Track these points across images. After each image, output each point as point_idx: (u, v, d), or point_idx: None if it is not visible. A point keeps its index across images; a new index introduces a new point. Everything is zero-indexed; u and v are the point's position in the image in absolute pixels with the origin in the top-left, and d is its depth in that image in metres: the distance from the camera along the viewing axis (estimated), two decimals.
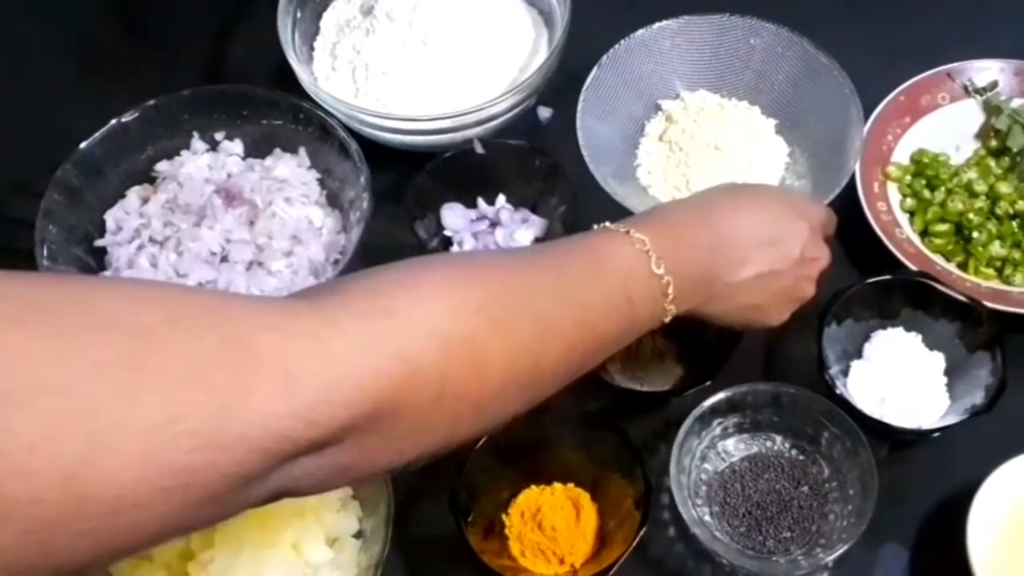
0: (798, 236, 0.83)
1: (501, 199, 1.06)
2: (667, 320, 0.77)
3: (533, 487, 0.91)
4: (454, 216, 1.06)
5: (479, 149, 1.04)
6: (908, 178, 1.06)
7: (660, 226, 0.77)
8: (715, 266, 0.79)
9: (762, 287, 0.82)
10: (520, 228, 1.04)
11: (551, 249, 0.75)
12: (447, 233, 1.05)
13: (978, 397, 0.91)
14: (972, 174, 1.06)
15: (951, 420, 0.92)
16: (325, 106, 1.05)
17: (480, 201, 1.06)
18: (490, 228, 1.05)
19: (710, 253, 0.79)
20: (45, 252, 0.98)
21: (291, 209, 1.03)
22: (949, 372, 0.95)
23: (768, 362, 0.99)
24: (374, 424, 0.58)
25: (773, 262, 0.82)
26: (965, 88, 1.10)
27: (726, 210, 0.81)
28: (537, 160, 1.04)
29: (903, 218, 1.04)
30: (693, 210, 0.81)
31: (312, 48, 1.14)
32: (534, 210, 1.06)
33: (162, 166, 1.07)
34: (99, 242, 1.03)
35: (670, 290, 0.75)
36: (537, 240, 1.04)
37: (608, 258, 0.74)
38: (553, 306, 0.69)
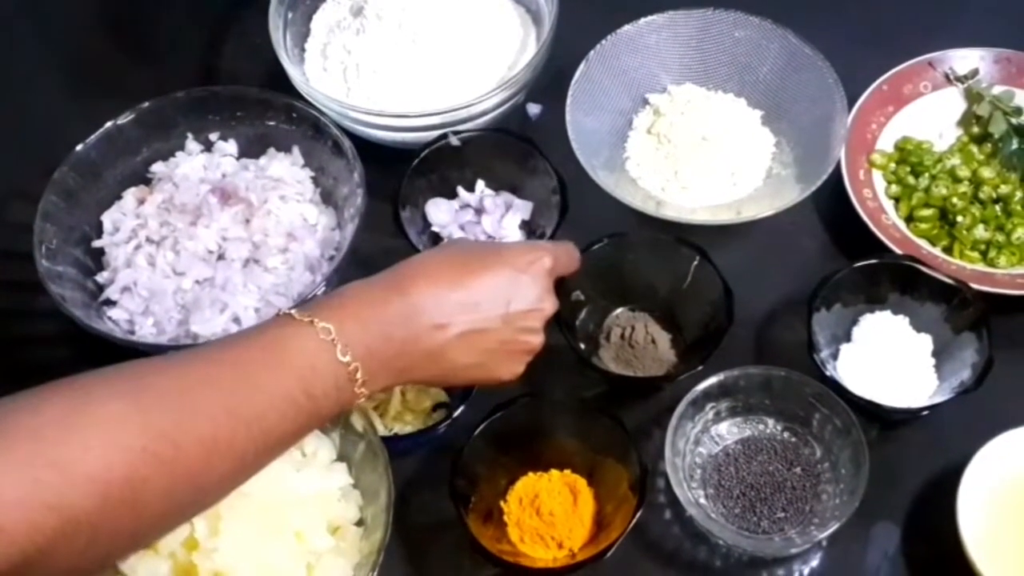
0: (502, 292, 0.82)
1: (480, 184, 1.08)
2: (361, 402, 0.76)
3: (531, 474, 0.92)
4: (439, 211, 1.07)
5: (454, 142, 1.05)
6: (893, 165, 1.08)
7: (347, 309, 0.76)
8: (410, 336, 0.78)
9: (470, 347, 0.81)
10: (507, 215, 1.05)
11: (227, 353, 0.72)
12: (435, 229, 1.06)
13: (965, 376, 0.93)
14: (955, 160, 1.08)
15: (939, 399, 0.94)
16: (317, 105, 1.07)
17: (460, 190, 1.08)
18: (476, 218, 1.06)
19: (403, 324, 0.77)
20: (44, 253, 0.99)
21: (286, 207, 1.04)
22: (936, 353, 0.97)
23: (759, 347, 1.01)
24: (22, 571, 0.59)
25: (475, 322, 0.80)
26: (947, 76, 1.12)
27: (421, 277, 0.79)
28: (514, 147, 1.05)
29: (888, 204, 1.06)
30: (386, 282, 0.79)
31: (303, 49, 1.16)
32: (515, 191, 1.07)
33: (157, 167, 1.08)
34: (97, 243, 1.05)
35: (358, 375, 0.74)
36: (524, 224, 1.06)
37: (288, 356, 0.72)
38: (223, 426, 0.68)
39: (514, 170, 1.07)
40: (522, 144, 1.05)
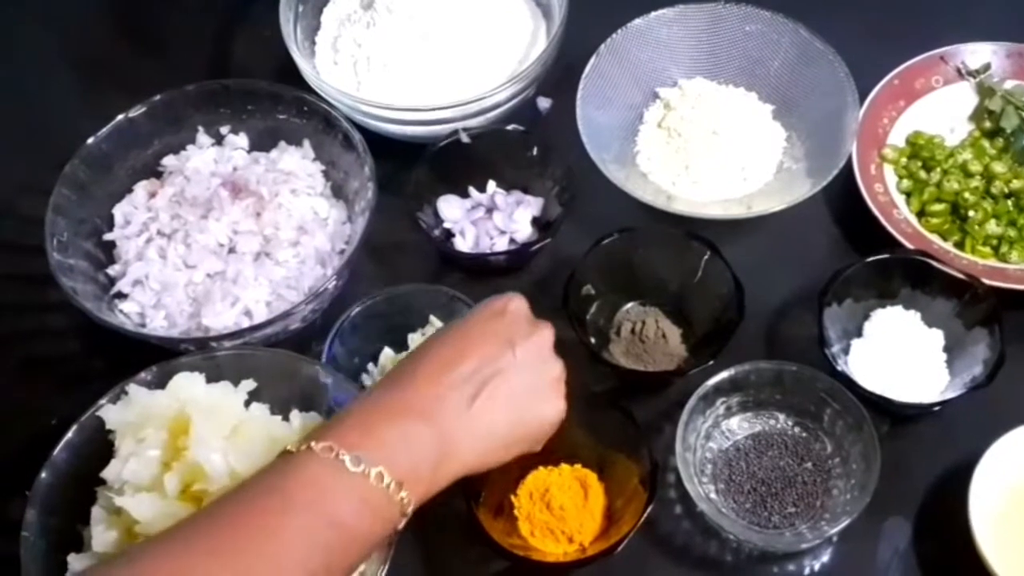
0: (498, 338, 0.78)
1: (491, 185, 1.08)
2: (411, 510, 0.71)
3: (541, 468, 0.92)
4: (451, 208, 1.07)
5: (465, 139, 1.05)
6: (904, 160, 1.08)
7: (345, 421, 0.72)
8: (437, 424, 0.74)
9: (501, 402, 0.77)
10: (517, 209, 1.06)
11: (227, 514, 0.68)
12: (447, 225, 1.07)
13: (977, 372, 0.93)
14: (967, 155, 1.08)
15: (951, 394, 0.93)
16: (328, 99, 1.07)
17: (471, 190, 1.08)
18: (487, 214, 1.07)
19: (421, 418, 0.73)
20: (55, 246, 0.99)
21: (297, 200, 1.04)
22: (948, 349, 0.97)
23: (770, 341, 1.01)
24: None
25: (492, 376, 0.77)
26: (958, 71, 1.12)
27: (419, 369, 0.76)
28: (525, 142, 1.06)
29: (900, 199, 1.06)
30: (384, 388, 0.76)
31: (314, 43, 1.16)
32: (526, 191, 1.08)
33: (168, 160, 1.08)
34: (108, 236, 1.05)
35: (386, 479, 0.69)
36: (535, 219, 1.06)
37: (293, 493, 0.68)
38: None
39: (524, 165, 1.07)
40: (532, 139, 1.06)
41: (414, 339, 0.99)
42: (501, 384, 0.77)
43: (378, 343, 0.99)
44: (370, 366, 0.99)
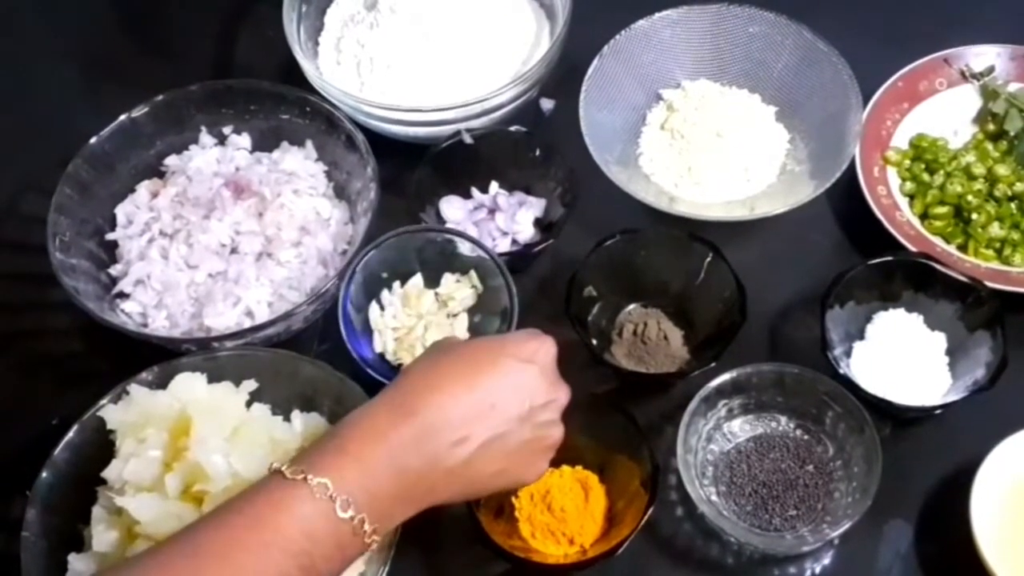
0: (517, 389, 0.76)
1: (494, 186, 1.08)
2: (375, 547, 0.71)
3: None
4: (452, 209, 1.07)
5: (468, 140, 1.05)
6: (907, 162, 1.08)
7: (347, 451, 0.70)
8: (428, 459, 0.72)
9: (493, 455, 0.75)
10: (520, 211, 1.06)
11: (211, 538, 0.67)
12: (449, 226, 1.07)
13: (979, 375, 0.93)
14: (970, 157, 1.07)
15: (953, 397, 0.93)
16: (331, 99, 1.07)
17: (474, 191, 1.08)
18: (489, 215, 1.07)
19: (418, 449, 0.72)
20: (57, 245, 0.99)
21: (299, 201, 1.04)
22: (950, 352, 0.97)
23: (772, 344, 1.01)
24: None
25: (495, 427, 0.74)
26: (962, 73, 1.11)
27: (425, 392, 0.73)
28: (528, 143, 1.06)
29: (903, 201, 1.05)
30: (390, 404, 0.73)
31: (317, 43, 1.16)
32: (529, 192, 1.08)
33: (171, 160, 1.08)
34: (110, 235, 1.05)
35: (365, 526, 0.69)
36: (537, 221, 1.06)
37: (278, 531, 0.67)
38: None
39: (527, 166, 1.07)
40: (535, 140, 1.06)
41: (447, 280, 1.00)
42: (499, 440, 0.75)
43: (413, 265, 1.00)
44: (395, 285, 1.00)
